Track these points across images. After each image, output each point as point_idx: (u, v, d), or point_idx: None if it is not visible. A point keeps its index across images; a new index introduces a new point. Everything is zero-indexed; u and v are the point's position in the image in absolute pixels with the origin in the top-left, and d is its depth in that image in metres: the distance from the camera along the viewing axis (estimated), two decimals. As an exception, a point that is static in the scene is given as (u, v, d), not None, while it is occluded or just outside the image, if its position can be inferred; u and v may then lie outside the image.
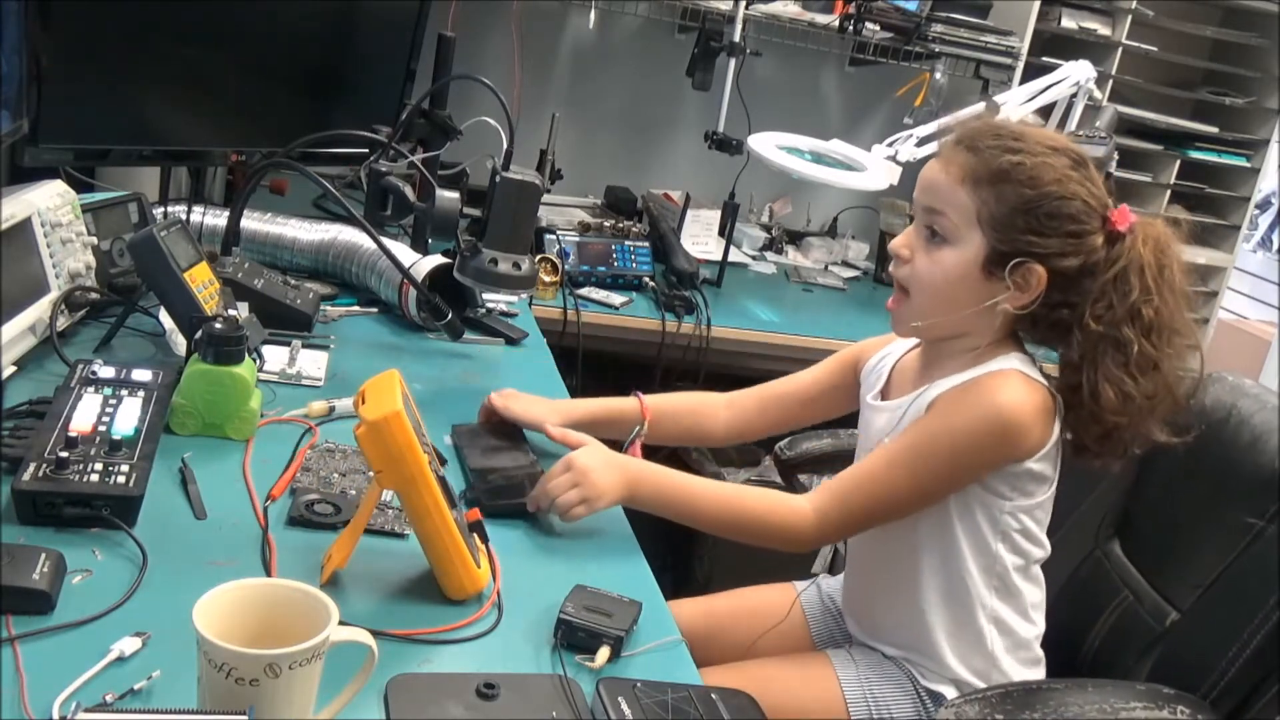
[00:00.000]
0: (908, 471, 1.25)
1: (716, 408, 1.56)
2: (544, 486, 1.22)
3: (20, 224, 1.36)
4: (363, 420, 0.99)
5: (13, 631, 0.88)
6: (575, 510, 1.21)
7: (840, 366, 1.52)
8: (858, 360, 1.50)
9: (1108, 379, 1.21)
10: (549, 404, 1.46)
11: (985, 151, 1.23)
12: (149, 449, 1.12)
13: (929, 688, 1.33)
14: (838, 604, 1.53)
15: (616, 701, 0.91)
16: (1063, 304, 1.25)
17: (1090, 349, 1.22)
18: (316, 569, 1.04)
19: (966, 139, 1.26)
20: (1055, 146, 1.24)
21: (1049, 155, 1.23)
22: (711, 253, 2.65)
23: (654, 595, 1.13)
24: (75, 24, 1.53)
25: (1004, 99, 2.44)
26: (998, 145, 1.23)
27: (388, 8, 2.07)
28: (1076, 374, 1.24)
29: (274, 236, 1.89)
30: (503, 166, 1.51)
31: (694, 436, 1.59)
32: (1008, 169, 1.22)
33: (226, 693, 0.76)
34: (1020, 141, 1.23)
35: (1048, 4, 2.81)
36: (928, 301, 1.28)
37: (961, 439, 1.23)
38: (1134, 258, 1.22)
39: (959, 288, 1.26)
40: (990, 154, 1.23)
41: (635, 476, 1.27)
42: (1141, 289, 1.21)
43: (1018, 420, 1.22)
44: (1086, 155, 1.26)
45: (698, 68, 2.60)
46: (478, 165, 1.75)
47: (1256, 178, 3.11)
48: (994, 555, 1.29)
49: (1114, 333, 1.21)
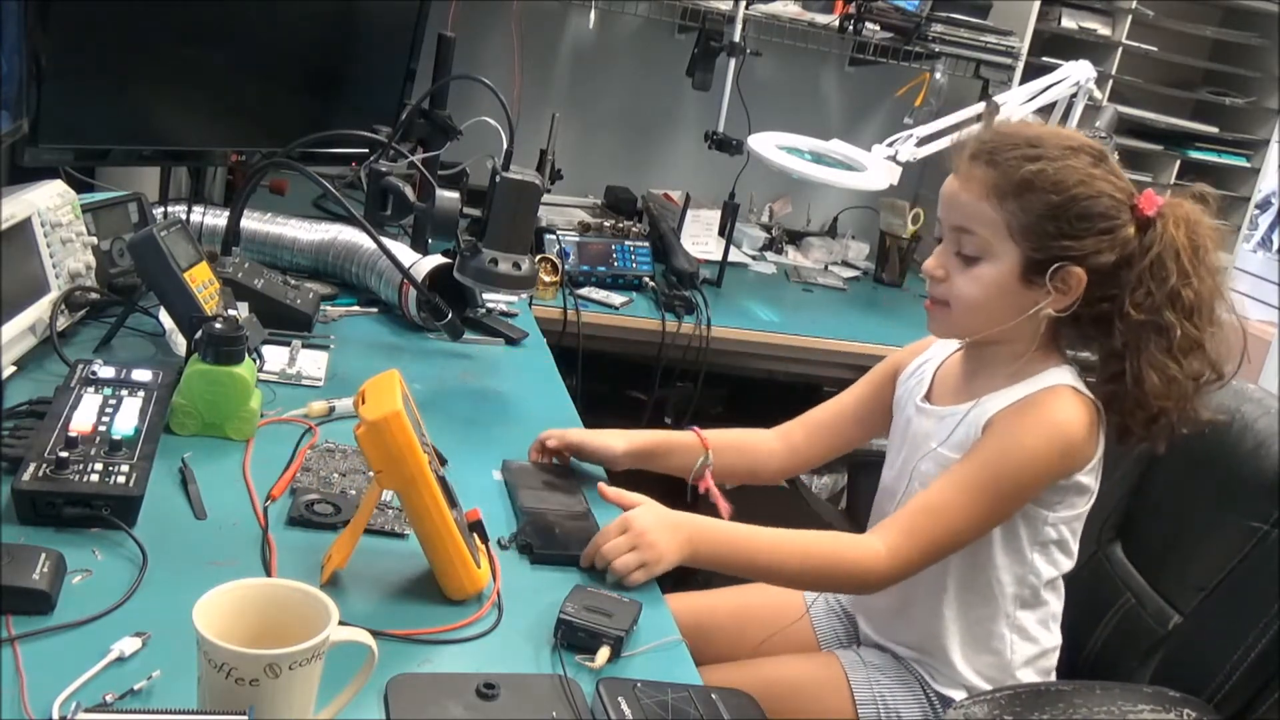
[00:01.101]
0: (978, 498, 1.23)
1: (768, 442, 1.51)
2: (600, 547, 1.15)
3: (20, 224, 1.36)
4: (363, 420, 0.99)
5: (13, 631, 0.88)
6: (634, 576, 1.13)
7: (880, 380, 1.49)
8: (895, 371, 1.48)
9: (1151, 365, 1.21)
10: (612, 432, 1.40)
11: (1005, 164, 1.22)
12: (149, 449, 1.12)
13: (940, 691, 1.33)
14: (843, 603, 1.53)
15: (616, 701, 0.91)
16: (1103, 299, 1.24)
17: (1133, 337, 1.22)
18: (316, 569, 1.04)
19: (984, 152, 1.24)
20: (1073, 146, 1.23)
21: (1069, 156, 1.22)
22: (711, 253, 2.65)
23: (654, 595, 1.13)
24: (75, 24, 1.53)
25: (1004, 99, 2.44)
26: (1017, 155, 1.22)
27: (388, 8, 2.07)
28: (1120, 362, 1.24)
29: (274, 236, 1.89)
30: (503, 166, 1.51)
31: (749, 474, 1.52)
32: (1031, 178, 1.21)
33: (226, 693, 0.76)
34: (1038, 147, 1.22)
35: (1048, 4, 2.81)
36: (970, 317, 1.28)
37: (1028, 461, 1.23)
38: (1167, 242, 1.21)
39: (1000, 301, 1.25)
40: (1010, 165, 1.22)
41: (695, 535, 1.19)
42: (1179, 272, 1.21)
43: (1077, 437, 1.23)
44: (1103, 148, 1.25)
45: (698, 68, 2.60)
46: (478, 165, 1.75)
47: (1256, 178, 3.11)
48: (1028, 565, 1.29)
49: (1156, 319, 1.21)
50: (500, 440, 1.43)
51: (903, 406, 1.42)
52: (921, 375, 1.42)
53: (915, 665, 1.36)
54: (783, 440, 1.51)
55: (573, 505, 1.28)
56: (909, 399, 1.41)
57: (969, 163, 1.25)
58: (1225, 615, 1.32)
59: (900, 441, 1.41)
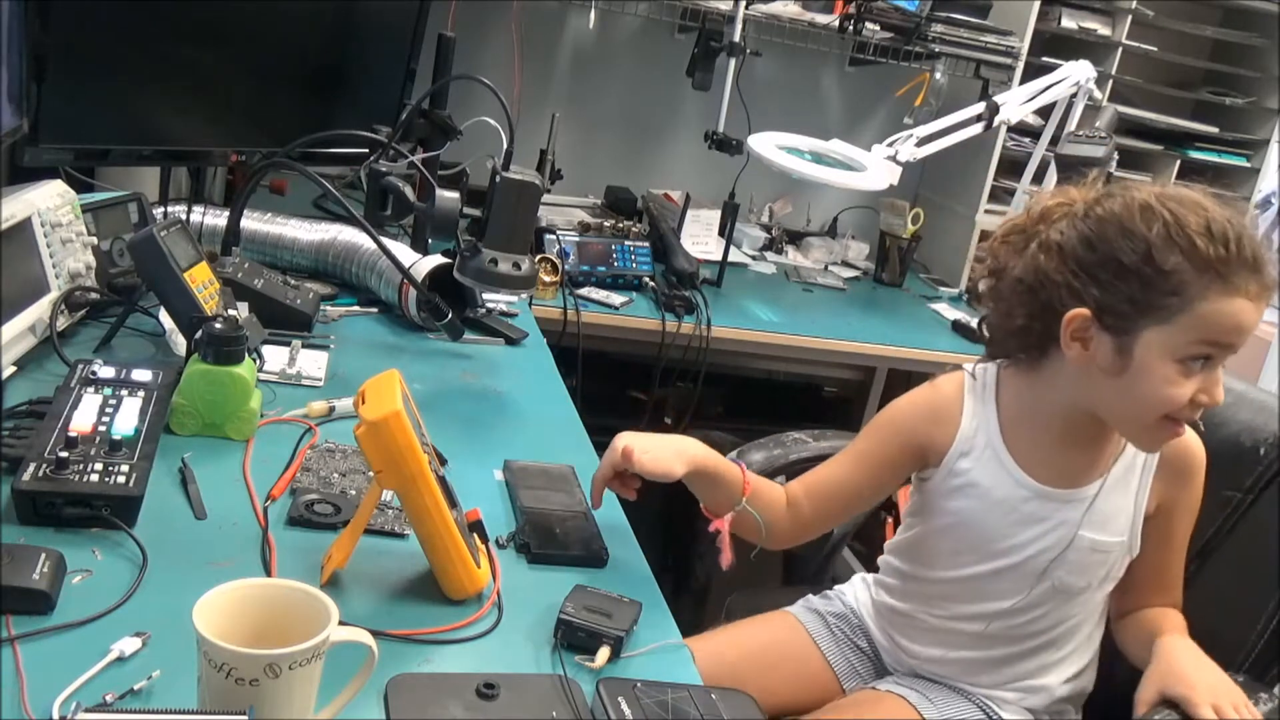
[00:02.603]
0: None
1: (783, 509, 1.36)
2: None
3: (20, 224, 1.36)
4: (363, 420, 0.99)
5: (13, 631, 0.88)
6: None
7: (894, 456, 1.35)
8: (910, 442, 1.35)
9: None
10: (674, 448, 1.26)
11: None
12: (149, 449, 1.12)
13: (1003, 716, 1.35)
14: (849, 624, 1.50)
15: (616, 701, 0.91)
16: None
17: None
18: (316, 569, 1.04)
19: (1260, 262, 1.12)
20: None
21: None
22: (711, 253, 2.65)
23: (654, 595, 1.13)
24: (75, 24, 1.53)
25: (1004, 99, 2.45)
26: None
27: (388, 8, 2.07)
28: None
29: (274, 236, 1.89)
30: (503, 166, 1.51)
31: (757, 533, 1.33)
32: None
33: (226, 693, 0.76)
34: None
35: (1048, 4, 2.81)
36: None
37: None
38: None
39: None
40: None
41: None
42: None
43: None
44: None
45: (698, 68, 2.60)
46: (478, 165, 1.75)
47: (1256, 178, 3.11)
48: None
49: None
50: (500, 440, 1.43)
51: (975, 494, 1.30)
52: (982, 451, 1.30)
53: (974, 692, 1.37)
54: (790, 510, 1.36)
55: (573, 505, 1.27)
56: (997, 484, 1.29)
57: (1260, 285, 1.11)
58: (1226, 586, 1.38)
59: (1003, 531, 1.30)
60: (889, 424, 1.34)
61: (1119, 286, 1.12)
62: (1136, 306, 1.12)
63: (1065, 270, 1.15)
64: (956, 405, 1.30)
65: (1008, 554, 1.30)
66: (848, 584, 1.55)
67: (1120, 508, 1.28)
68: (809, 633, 1.50)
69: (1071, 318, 1.15)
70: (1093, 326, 1.15)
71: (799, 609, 1.54)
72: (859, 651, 1.49)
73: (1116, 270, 1.12)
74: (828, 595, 1.56)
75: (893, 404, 1.36)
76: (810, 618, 1.52)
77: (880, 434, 1.34)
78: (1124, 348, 1.14)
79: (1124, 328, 1.13)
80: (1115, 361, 1.14)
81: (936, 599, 1.37)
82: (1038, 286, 1.18)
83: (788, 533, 1.37)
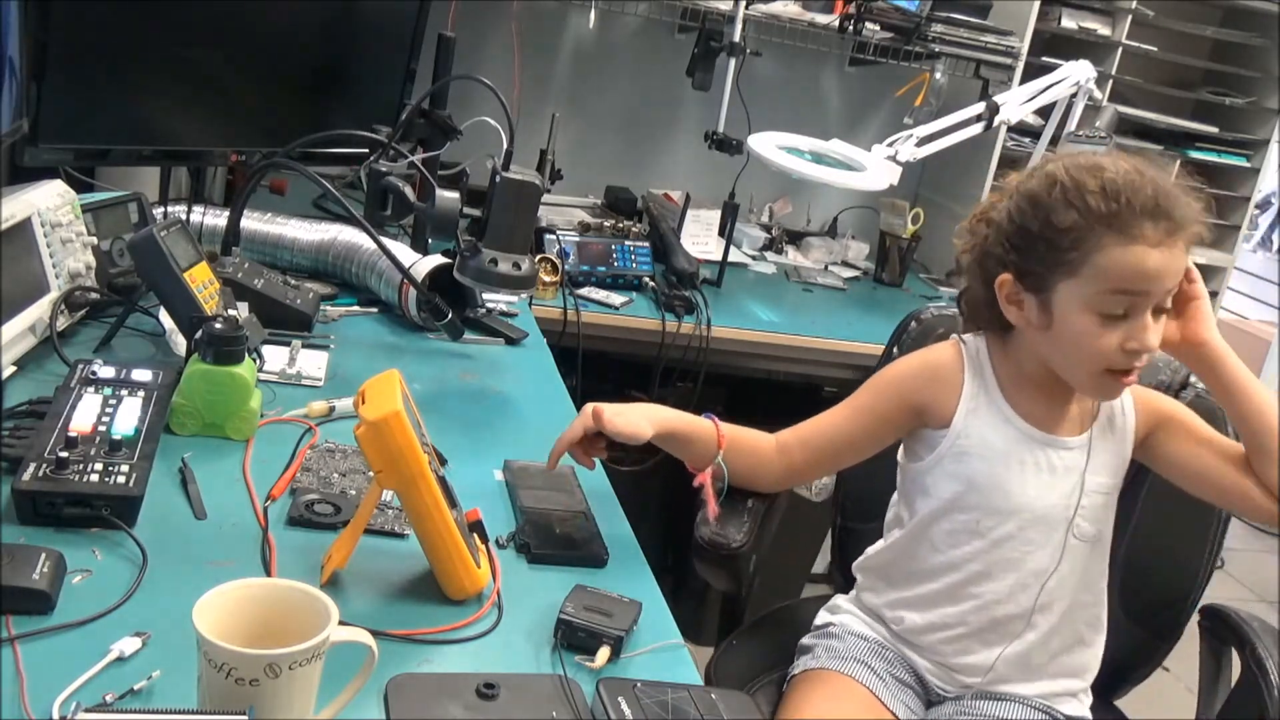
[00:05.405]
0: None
1: (770, 453, 1.41)
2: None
3: (20, 224, 1.36)
4: (363, 420, 0.99)
5: (13, 631, 0.88)
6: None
7: (886, 409, 1.40)
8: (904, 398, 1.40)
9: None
10: (641, 411, 1.32)
11: (1184, 218, 1.21)
12: (149, 449, 1.12)
13: (1069, 714, 1.37)
14: (884, 659, 1.40)
15: (616, 701, 0.91)
16: None
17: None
18: (316, 569, 1.04)
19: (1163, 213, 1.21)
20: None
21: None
22: (711, 253, 2.65)
23: (654, 595, 1.13)
24: (75, 24, 1.53)
25: (1004, 99, 2.45)
26: (1190, 205, 1.24)
27: (388, 8, 2.07)
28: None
29: (274, 236, 1.89)
30: (503, 166, 1.51)
31: (748, 480, 1.41)
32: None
33: (226, 693, 0.76)
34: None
35: (1048, 4, 2.81)
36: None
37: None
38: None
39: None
40: (1188, 215, 1.22)
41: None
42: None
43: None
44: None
45: (698, 68, 2.60)
46: (478, 165, 1.75)
47: (1256, 178, 3.11)
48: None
49: None
50: (500, 440, 1.43)
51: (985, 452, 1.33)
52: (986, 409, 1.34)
53: (1037, 702, 1.37)
54: (781, 457, 1.40)
55: (573, 505, 1.27)
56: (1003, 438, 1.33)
57: (1163, 230, 1.19)
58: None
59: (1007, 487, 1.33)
60: (888, 382, 1.40)
61: (1033, 250, 1.24)
62: (1045, 264, 1.23)
63: (999, 244, 1.28)
64: (957, 367, 1.37)
65: (1028, 508, 1.33)
66: (841, 616, 1.47)
67: (1115, 451, 1.36)
68: (857, 676, 1.37)
69: (1001, 282, 1.28)
70: (1019, 289, 1.26)
71: (856, 667, 1.38)
72: (905, 686, 1.39)
73: (1028, 236, 1.25)
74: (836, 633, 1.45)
75: (892, 364, 1.44)
76: (866, 674, 1.38)
77: (879, 389, 1.40)
78: (1045, 304, 1.25)
79: (1040, 285, 1.25)
80: (1041, 318, 1.26)
81: (962, 587, 1.35)
82: (983, 260, 1.31)
83: (778, 477, 1.43)
